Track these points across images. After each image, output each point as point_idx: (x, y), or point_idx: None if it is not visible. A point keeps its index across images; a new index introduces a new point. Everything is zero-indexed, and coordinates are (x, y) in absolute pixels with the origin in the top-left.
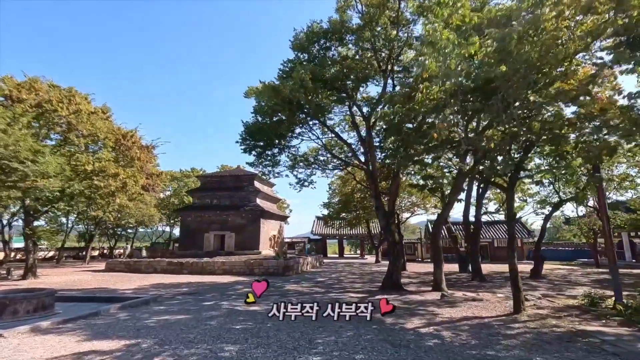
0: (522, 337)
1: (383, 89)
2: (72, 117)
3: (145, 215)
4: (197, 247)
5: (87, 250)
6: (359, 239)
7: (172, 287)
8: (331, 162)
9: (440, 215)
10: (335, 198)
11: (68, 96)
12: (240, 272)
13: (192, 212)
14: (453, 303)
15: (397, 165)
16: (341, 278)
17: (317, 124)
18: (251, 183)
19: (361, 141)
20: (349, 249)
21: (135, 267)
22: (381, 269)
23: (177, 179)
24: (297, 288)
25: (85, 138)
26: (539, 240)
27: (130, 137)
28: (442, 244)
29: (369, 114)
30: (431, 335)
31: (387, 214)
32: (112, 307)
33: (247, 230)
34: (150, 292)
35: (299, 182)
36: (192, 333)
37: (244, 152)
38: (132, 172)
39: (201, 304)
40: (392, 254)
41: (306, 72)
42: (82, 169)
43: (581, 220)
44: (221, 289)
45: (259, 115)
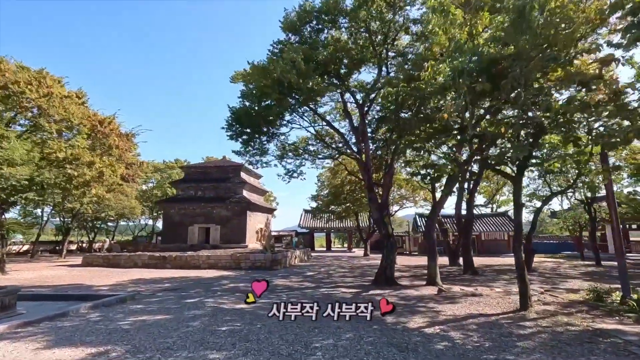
0: (537, 338)
1: (378, 74)
2: (42, 101)
3: (126, 207)
4: (181, 240)
5: (64, 244)
6: (347, 232)
7: (153, 282)
8: (321, 152)
9: (435, 207)
10: (324, 190)
11: (38, 78)
12: (226, 266)
13: (175, 204)
14: (452, 299)
15: (397, 153)
16: (331, 272)
17: (307, 111)
18: (237, 174)
19: (353, 130)
20: (336, 242)
21: (115, 261)
22: (370, 262)
23: (161, 170)
24: (286, 283)
25: (58, 124)
26: (530, 233)
27: (108, 123)
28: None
29: (363, 101)
30: (439, 337)
31: (381, 206)
32: (83, 307)
33: (233, 223)
34: (129, 289)
35: (288, 172)
36: (172, 337)
37: (230, 138)
38: (110, 161)
39: (183, 301)
40: (386, 248)
41: (298, 53)
42: (54, 156)
43: (567, 213)
44: (206, 285)
45: (246, 100)
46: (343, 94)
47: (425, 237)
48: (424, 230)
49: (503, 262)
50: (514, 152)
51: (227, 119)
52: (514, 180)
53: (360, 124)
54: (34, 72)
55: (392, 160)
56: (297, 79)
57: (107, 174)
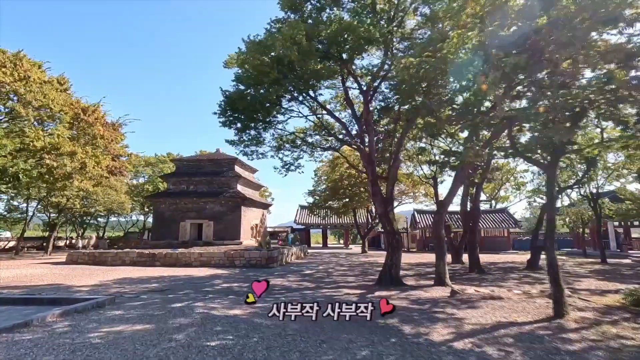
0: (594, 358)
1: (384, 56)
2: (18, 85)
3: (115, 202)
4: (172, 236)
5: (49, 240)
6: (344, 229)
7: (139, 282)
8: (320, 144)
9: (444, 201)
10: (321, 185)
11: (13, 60)
12: (219, 264)
13: (166, 199)
14: (470, 302)
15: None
16: (330, 270)
17: (307, 98)
18: (231, 168)
19: (356, 119)
20: (332, 238)
21: (101, 259)
22: (369, 259)
23: (152, 164)
24: (283, 282)
25: (36, 110)
26: (536, 230)
27: (92, 112)
28: (429, 233)
29: (367, 87)
30: (475, 355)
31: (386, 201)
32: (50, 314)
33: (226, 218)
34: (111, 290)
35: (285, 165)
36: (149, 356)
37: (223, 125)
38: (94, 151)
39: (169, 306)
40: (391, 245)
41: (299, 29)
42: (31, 146)
43: (570, 209)
44: (196, 285)
45: (241, 84)
46: (345, 81)
47: (433, 234)
48: (433, 227)
49: (506, 260)
50: (554, 136)
51: (220, 103)
52: (547, 168)
53: (364, 112)
54: (10, 54)
55: (397, 151)
56: (299, 56)
57: (90, 165)
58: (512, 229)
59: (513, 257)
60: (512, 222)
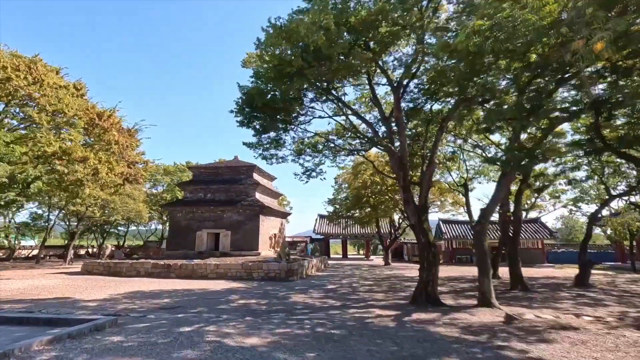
0: None
1: (418, 44)
2: (32, 89)
3: (132, 211)
4: (188, 246)
5: (68, 249)
6: (365, 239)
7: (150, 297)
8: (343, 148)
9: (487, 209)
10: (342, 194)
11: (28, 64)
12: (236, 276)
13: (182, 208)
14: (537, 333)
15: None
16: (354, 285)
17: (330, 98)
18: (250, 175)
19: (384, 120)
20: (350, 249)
21: (116, 269)
22: (394, 272)
23: (171, 173)
24: (305, 300)
25: (50, 115)
26: (584, 242)
27: (108, 117)
28: (456, 245)
29: (398, 82)
30: None
31: (419, 209)
32: (37, 341)
33: (244, 228)
34: (119, 306)
35: (306, 171)
36: None
37: (240, 125)
38: (107, 157)
39: (177, 330)
40: (426, 259)
41: (326, 12)
42: (42, 151)
43: (614, 219)
44: (211, 301)
45: (260, 81)
46: (371, 79)
47: (475, 246)
48: (474, 239)
49: (543, 274)
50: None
51: (237, 100)
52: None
53: (394, 110)
54: (26, 59)
55: (433, 153)
56: (326, 42)
57: (102, 171)
58: (546, 240)
59: (550, 271)
60: (547, 233)
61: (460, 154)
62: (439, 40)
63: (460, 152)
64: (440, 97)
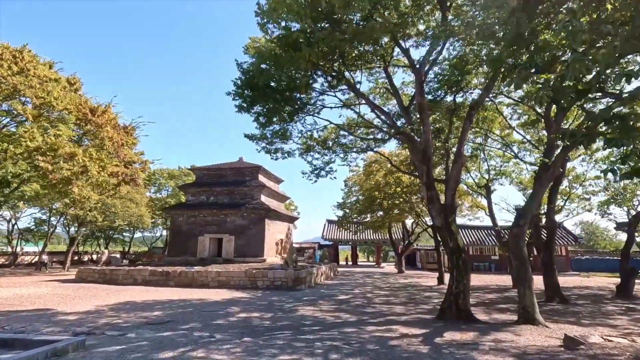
0: None
1: (442, 19)
2: (16, 80)
3: (133, 215)
4: (190, 252)
5: (67, 255)
6: (376, 245)
7: (140, 309)
8: (355, 145)
9: (525, 210)
10: (351, 197)
11: (13, 52)
12: (238, 285)
13: (184, 211)
14: None
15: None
16: (369, 296)
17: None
18: (255, 176)
19: (403, 110)
20: (360, 255)
21: (111, 277)
22: (409, 280)
23: (176, 177)
24: (315, 313)
25: (37, 108)
26: (627, 249)
27: (102, 112)
28: (472, 252)
29: (422, 62)
30: None
31: (446, 209)
32: None
33: (249, 233)
34: (101, 320)
35: (315, 170)
36: None
37: (239, 110)
38: (98, 154)
39: (156, 356)
40: (456, 267)
41: None
42: (24, 146)
43: None
44: (207, 315)
45: (265, 63)
46: (387, 66)
47: (514, 253)
48: (511, 244)
49: (573, 283)
50: None
51: (236, 80)
52: None
53: (416, 95)
54: (13, 48)
55: (460, 145)
56: (342, 2)
57: (92, 169)
58: (570, 247)
59: (579, 280)
60: (572, 239)
61: (480, 153)
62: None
63: (480, 150)
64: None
